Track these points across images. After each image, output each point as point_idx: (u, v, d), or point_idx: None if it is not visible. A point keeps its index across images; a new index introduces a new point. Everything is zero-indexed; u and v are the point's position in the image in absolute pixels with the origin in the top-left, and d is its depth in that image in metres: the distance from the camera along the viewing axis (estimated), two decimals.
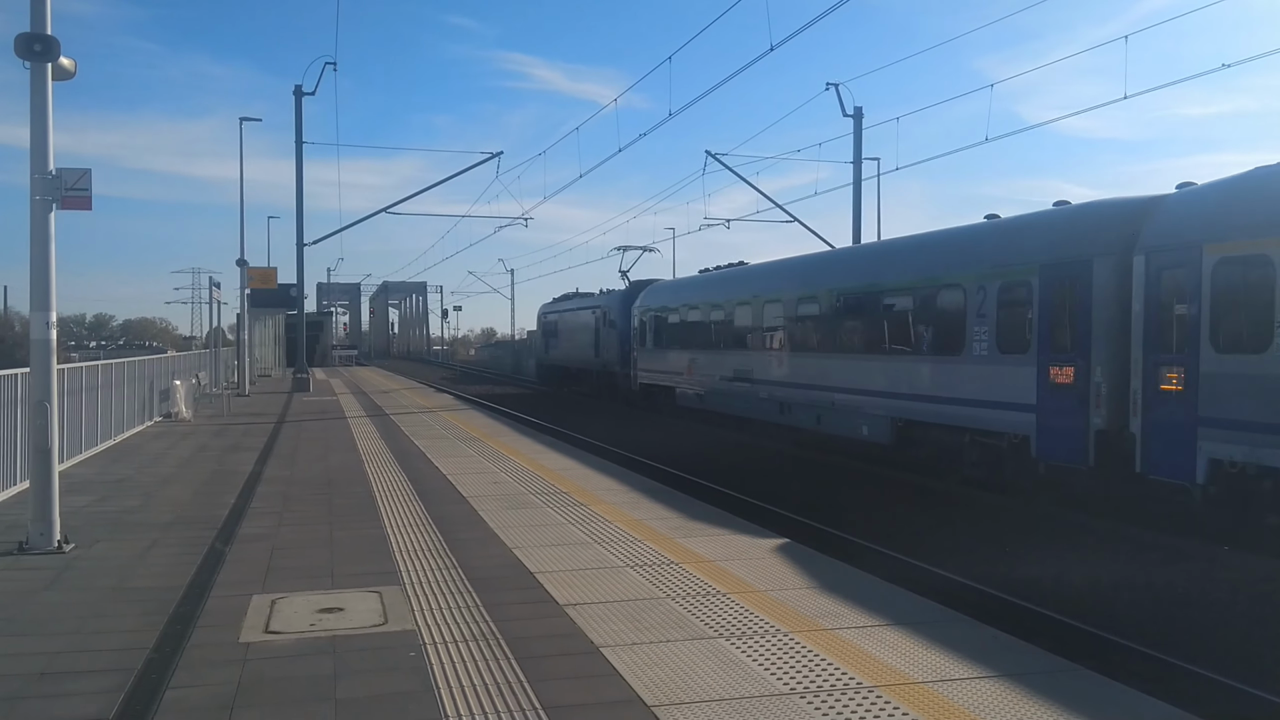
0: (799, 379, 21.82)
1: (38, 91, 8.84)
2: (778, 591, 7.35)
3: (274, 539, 9.43)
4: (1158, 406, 12.40)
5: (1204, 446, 11.59)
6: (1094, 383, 13.43)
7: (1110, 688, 5.42)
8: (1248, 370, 11.20)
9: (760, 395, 23.53)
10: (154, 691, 5.35)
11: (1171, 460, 12.12)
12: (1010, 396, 14.93)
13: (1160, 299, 12.52)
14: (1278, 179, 11.51)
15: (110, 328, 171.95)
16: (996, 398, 15.28)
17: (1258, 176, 11.85)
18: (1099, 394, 13.35)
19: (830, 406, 20.32)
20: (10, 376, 11.54)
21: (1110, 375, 13.23)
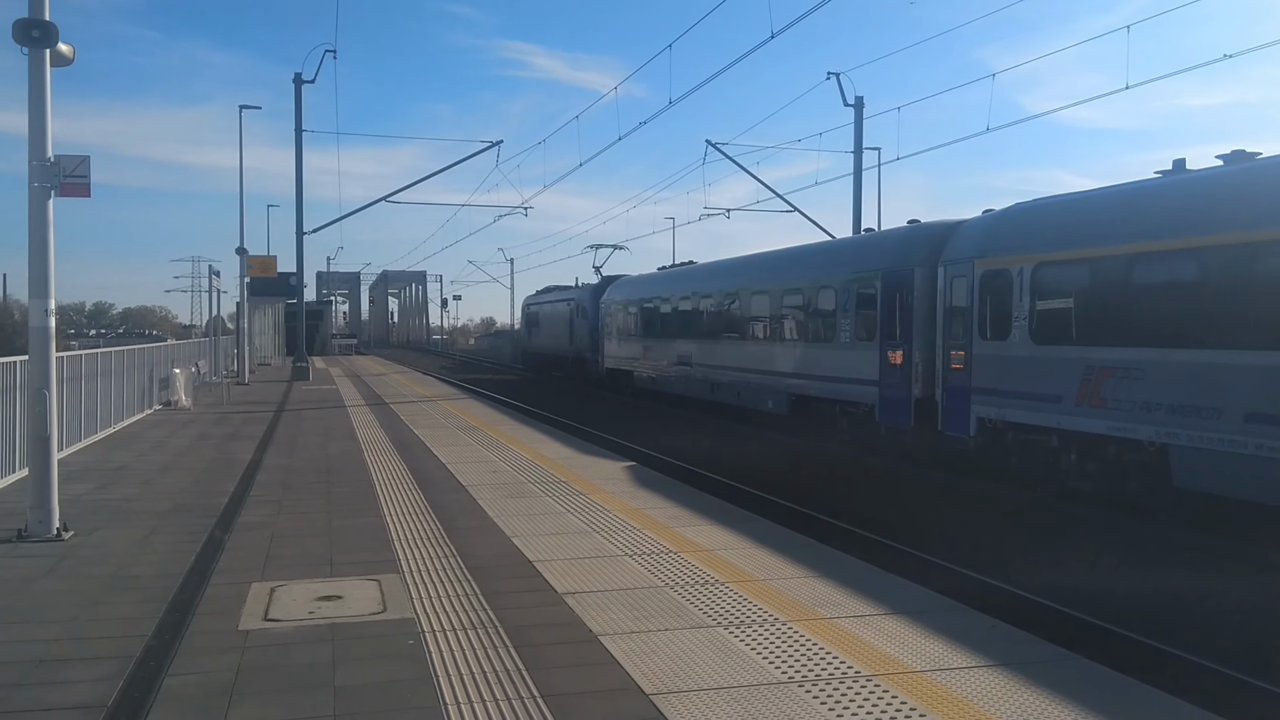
0: (724, 363, 25.90)
1: (36, 78, 8.82)
2: (776, 580, 7.36)
3: (273, 527, 9.43)
4: (950, 380, 16.41)
5: (975, 409, 15.68)
6: (914, 363, 17.47)
7: (1106, 675, 5.43)
8: (999, 353, 15.26)
9: (696, 377, 27.79)
10: (153, 679, 5.36)
11: (957, 420, 16.14)
12: (863, 375, 19.04)
13: (952, 300, 16.55)
14: (1020, 212, 15.81)
15: (110, 316, 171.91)
16: (855, 376, 19.40)
17: (1012, 210, 16.11)
18: (917, 372, 17.39)
19: (746, 385, 24.43)
20: (9, 364, 11.53)
21: (924, 357, 17.26)
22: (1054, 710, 4.87)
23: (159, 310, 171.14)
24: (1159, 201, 13.08)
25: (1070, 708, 4.89)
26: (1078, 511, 13.80)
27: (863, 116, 34.31)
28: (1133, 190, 13.80)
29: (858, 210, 34.68)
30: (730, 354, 25.45)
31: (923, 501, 15.13)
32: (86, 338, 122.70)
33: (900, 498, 15.44)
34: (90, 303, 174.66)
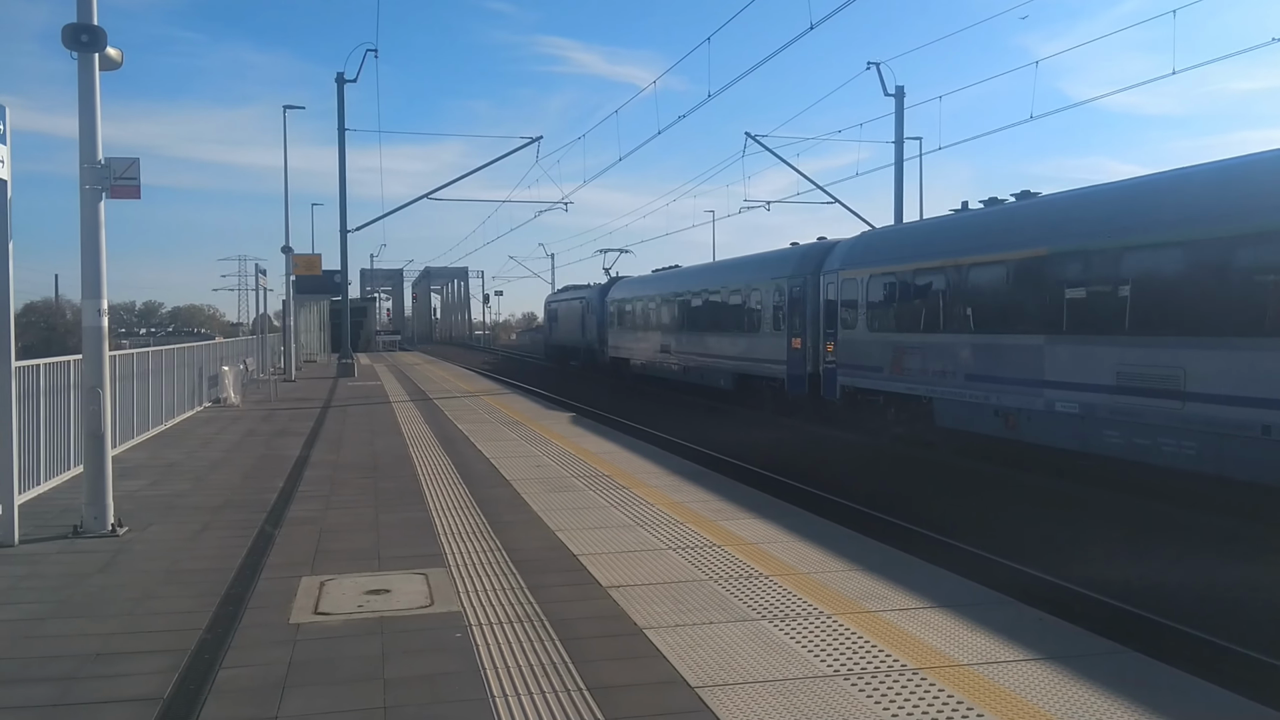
0: (690, 350, 32.88)
1: (85, 81, 8.97)
2: (819, 573, 7.35)
3: (322, 522, 9.56)
4: (825, 360, 23.08)
5: (839, 380, 22.13)
6: (807, 347, 24.16)
7: (1157, 669, 5.37)
8: (850, 339, 21.76)
9: (672, 363, 34.67)
10: (207, 671, 5.46)
11: (830, 388, 22.72)
12: (777, 357, 25.73)
13: (825, 300, 23.16)
14: (869, 236, 23.57)
15: (159, 315, 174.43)
16: (772, 358, 26.07)
17: (865, 234, 24.06)
18: (809, 354, 24.04)
19: (706, 368, 31.32)
20: (63, 363, 11.76)
21: (814, 342, 23.85)
22: (1105, 704, 4.83)
23: (207, 309, 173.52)
24: (930, 234, 20.44)
25: (1121, 702, 4.85)
26: (1107, 498, 13.64)
27: (903, 106, 34.01)
28: (918, 225, 24.18)
29: (899, 200, 34.42)
30: (694, 344, 32.59)
31: (963, 493, 15.03)
32: (137, 337, 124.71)
33: (934, 486, 15.37)
34: (140, 302, 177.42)
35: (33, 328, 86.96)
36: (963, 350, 17.47)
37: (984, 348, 17.00)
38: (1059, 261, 15.22)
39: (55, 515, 9.70)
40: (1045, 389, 15.33)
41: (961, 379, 17.34)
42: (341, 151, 35.07)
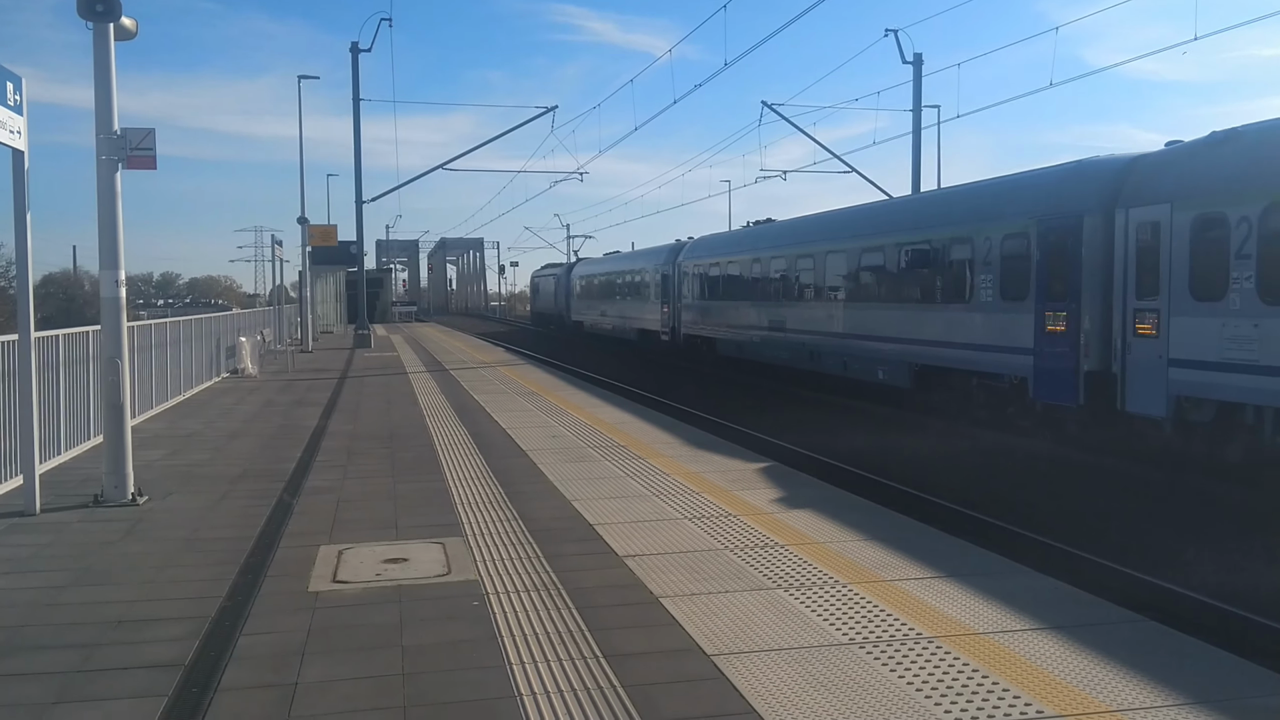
0: (612, 314, 46.39)
1: (100, 51, 8.96)
2: (836, 543, 7.36)
3: (339, 491, 9.62)
4: (679, 320, 34.63)
5: (683, 331, 32.62)
6: (672, 310, 35.47)
7: (1173, 638, 5.36)
8: (688, 305, 33.78)
9: (605, 325, 47.85)
10: (228, 638, 5.51)
11: (678, 337, 32.50)
12: (655, 316, 38.04)
13: (678, 280, 34.24)
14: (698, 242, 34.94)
15: (176, 286, 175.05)
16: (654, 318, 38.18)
17: (698, 240, 35.11)
18: (672, 315, 35.54)
19: (620, 326, 44.36)
20: (82, 334, 11.83)
21: (674, 308, 35.17)
22: (1120, 672, 4.83)
23: (224, 280, 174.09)
24: (725, 240, 32.68)
25: (1137, 669, 4.85)
26: (1127, 470, 13.60)
27: (921, 74, 33.70)
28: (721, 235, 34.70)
29: (917, 169, 34.17)
30: (611, 310, 46.24)
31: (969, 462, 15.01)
32: (154, 308, 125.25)
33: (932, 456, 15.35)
34: (158, 273, 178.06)
35: (51, 299, 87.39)
36: (733, 311, 29.58)
37: (745, 309, 28.46)
38: (790, 259, 25.75)
39: (76, 485, 9.79)
40: (782, 332, 25.74)
41: (728, 328, 30.14)
42: (356, 122, 35.02)
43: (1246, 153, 12.71)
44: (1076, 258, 14.94)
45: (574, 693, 4.71)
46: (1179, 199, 13.25)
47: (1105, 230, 14.58)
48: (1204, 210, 12.86)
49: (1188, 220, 13.04)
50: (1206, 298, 12.70)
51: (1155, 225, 13.57)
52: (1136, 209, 13.98)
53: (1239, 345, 12.16)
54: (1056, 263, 15.36)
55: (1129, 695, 4.58)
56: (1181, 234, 13.10)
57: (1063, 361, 15.07)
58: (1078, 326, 14.84)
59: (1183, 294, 13.08)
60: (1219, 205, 12.62)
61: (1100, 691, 4.63)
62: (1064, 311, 15.13)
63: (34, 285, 9.06)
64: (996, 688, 4.69)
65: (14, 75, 8.26)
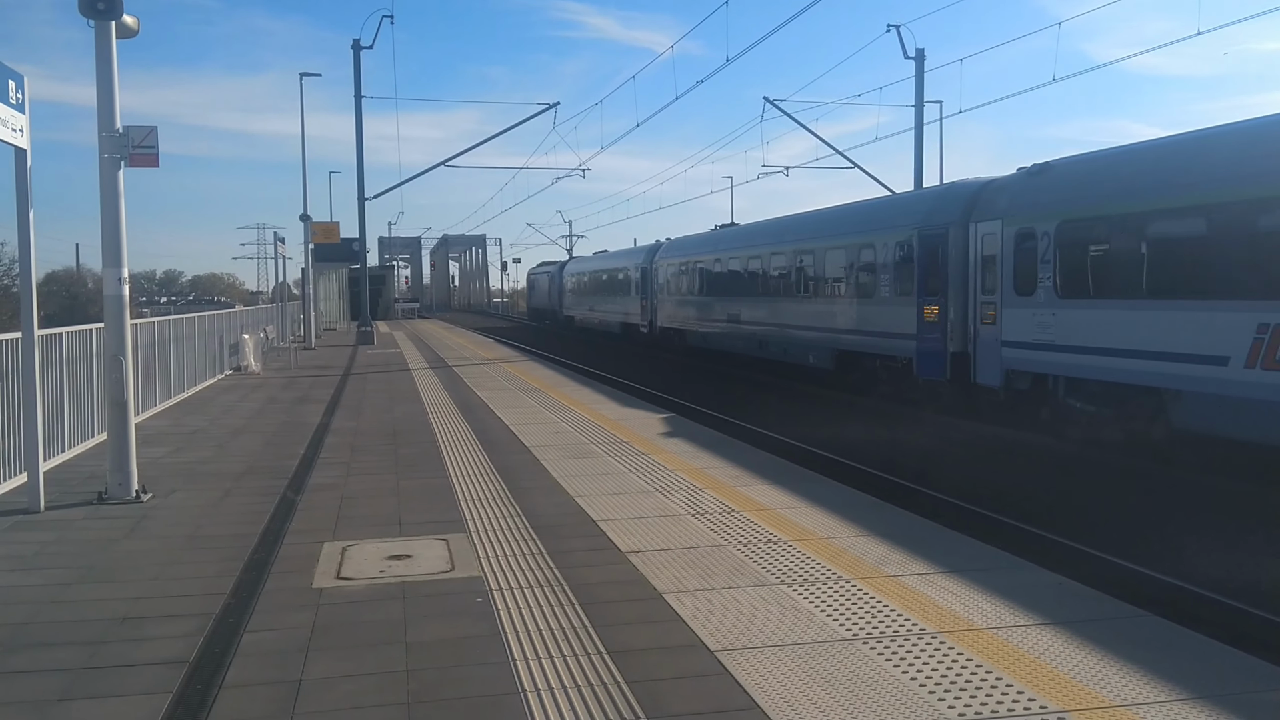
0: (602, 309, 49.94)
1: (102, 49, 8.96)
2: (839, 538, 7.36)
3: (343, 488, 9.63)
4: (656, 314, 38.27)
5: (659, 325, 37.01)
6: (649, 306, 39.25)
7: (1177, 632, 5.36)
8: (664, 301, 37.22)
9: (595, 319, 51.67)
10: (232, 635, 5.53)
11: (654, 329, 37.30)
12: (636, 310, 42.15)
13: (655, 278, 37.71)
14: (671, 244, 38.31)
15: (179, 283, 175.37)
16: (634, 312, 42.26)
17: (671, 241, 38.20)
18: (650, 310, 39.22)
19: (608, 319, 48.51)
20: (85, 332, 11.84)
21: (652, 304, 38.84)
22: (1124, 667, 4.83)
23: (227, 277, 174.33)
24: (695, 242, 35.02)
25: (1141, 664, 4.85)
26: (1118, 463, 13.59)
27: (924, 69, 33.68)
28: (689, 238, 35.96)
29: (919, 165, 34.15)
30: (601, 305, 50.09)
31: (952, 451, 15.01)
32: (157, 305, 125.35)
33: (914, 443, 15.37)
34: (161, 271, 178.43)
35: (54, 297, 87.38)
36: (699, 306, 32.79)
37: (709, 304, 31.83)
38: (742, 260, 29.13)
39: (80, 482, 9.80)
40: (737, 324, 28.92)
41: (695, 321, 33.28)
42: (358, 119, 35.02)
43: (1050, 182, 16.02)
44: (944, 261, 18.08)
45: (578, 689, 4.72)
46: (1007, 216, 16.56)
47: (963, 240, 17.72)
48: (1021, 226, 16.16)
49: (1012, 233, 16.34)
50: (1024, 294, 15.95)
51: (993, 237, 16.81)
52: (982, 223, 17.28)
53: (1044, 330, 15.48)
54: (930, 265, 18.56)
55: (1132, 690, 4.58)
56: (1009, 244, 16.40)
57: (935, 345, 18.29)
58: (945, 317, 17.98)
59: (1010, 291, 16.30)
60: (1031, 222, 15.93)
61: (1104, 686, 4.63)
62: (936, 305, 18.28)
63: (37, 283, 9.06)
64: (1000, 683, 4.70)
65: (16, 73, 8.26)
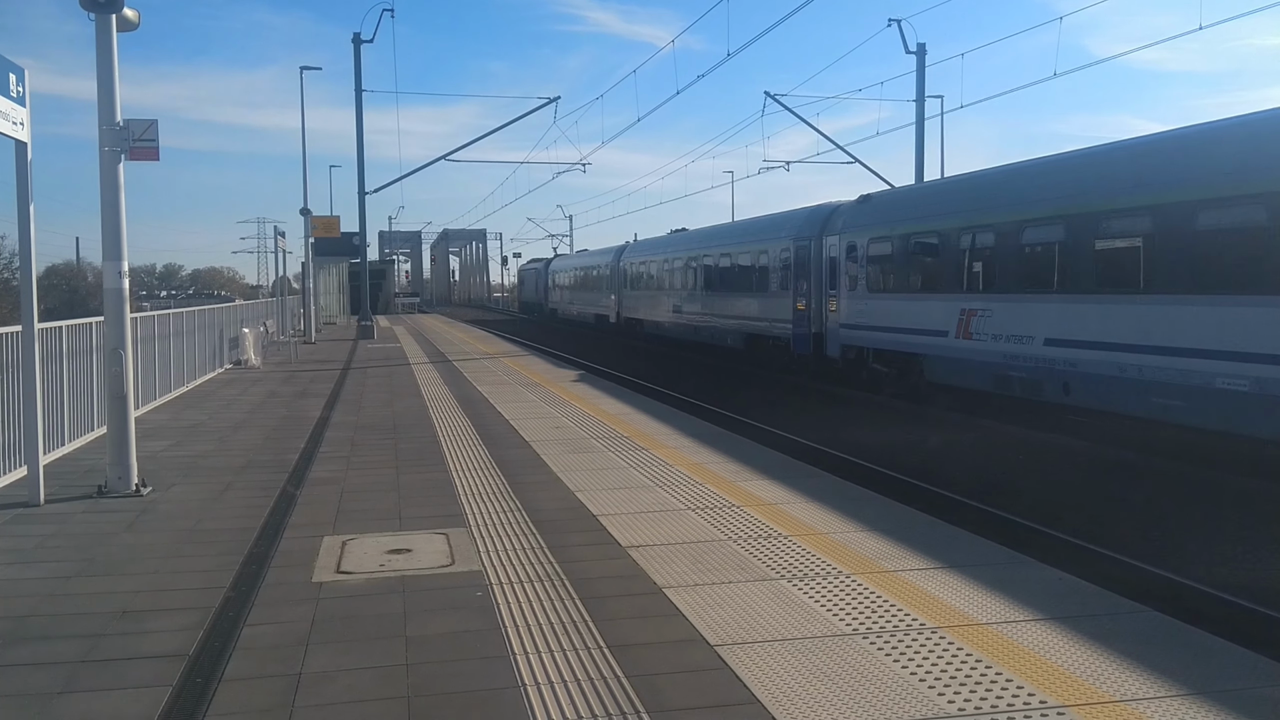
0: (579, 303, 55.94)
1: (103, 43, 8.95)
2: (838, 534, 7.36)
3: (343, 482, 9.63)
4: (623, 308, 44.80)
5: (624, 316, 43.43)
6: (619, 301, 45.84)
7: (1178, 628, 5.36)
8: (633, 294, 43.03)
9: (573, 311, 58.00)
10: (232, 629, 5.52)
11: (623, 320, 43.90)
12: (609, 304, 47.87)
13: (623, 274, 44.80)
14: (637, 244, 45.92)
15: (179, 277, 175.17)
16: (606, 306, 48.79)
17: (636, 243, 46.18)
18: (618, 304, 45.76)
19: (584, 311, 54.35)
20: (85, 325, 11.84)
21: (619, 298, 45.74)
22: (1124, 662, 4.83)
23: (227, 271, 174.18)
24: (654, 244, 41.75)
25: (1141, 659, 4.85)
26: (1120, 458, 13.60)
27: (925, 64, 33.66)
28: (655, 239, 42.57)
29: (920, 160, 34.13)
30: (580, 299, 55.67)
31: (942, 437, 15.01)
32: (157, 299, 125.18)
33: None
34: (161, 265, 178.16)
35: (54, 290, 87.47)
36: (652, 300, 39.21)
37: (659, 298, 37.98)
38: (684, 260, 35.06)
39: (80, 476, 9.80)
40: (683, 315, 34.79)
41: (649, 312, 39.65)
42: (359, 113, 34.99)
43: (867, 209, 22.62)
44: (809, 265, 24.69)
45: (578, 683, 4.72)
46: (842, 233, 23.03)
47: (820, 249, 24.27)
48: (849, 240, 22.59)
49: (844, 245, 22.78)
50: (851, 289, 22.39)
51: (836, 248, 23.25)
52: (828, 238, 23.79)
53: (862, 315, 21.92)
54: (801, 268, 25.08)
55: (1133, 685, 4.58)
56: (843, 254, 22.85)
57: (804, 329, 24.83)
58: (809, 306, 24.60)
59: (844, 288, 22.70)
60: (854, 238, 22.40)
61: (1104, 682, 4.63)
62: (804, 298, 24.82)
63: (37, 277, 9.06)
64: (1000, 678, 4.70)
65: (17, 67, 8.25)
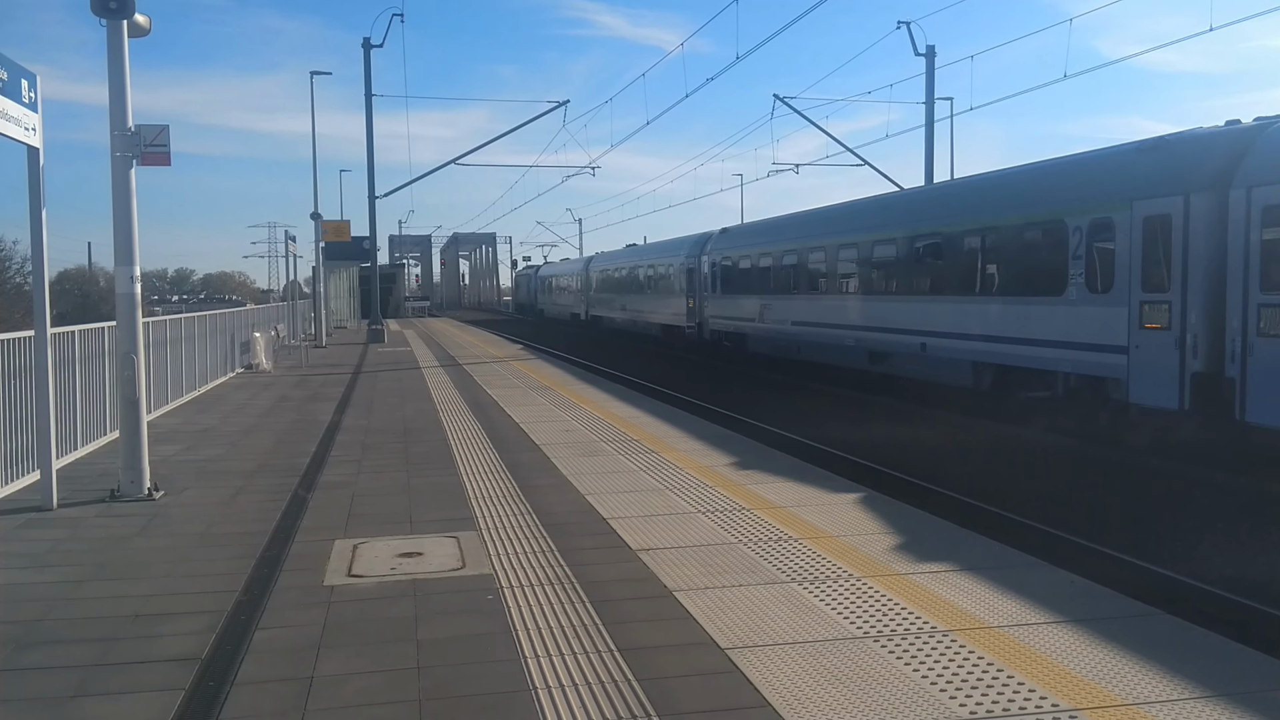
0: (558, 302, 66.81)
1: (114, 48, 9.00)
2: (849, 537, 7.35)
3: (354, 486, 9.65)
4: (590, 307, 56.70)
5: (594, 313, 55.26)
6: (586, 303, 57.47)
7: (1190, 632, 5.34)
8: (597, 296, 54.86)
9: (557, 310, 66.43)
10: (244, 632, 5.54)
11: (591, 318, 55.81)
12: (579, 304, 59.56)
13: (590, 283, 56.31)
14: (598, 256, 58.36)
15: (191, 282, 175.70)
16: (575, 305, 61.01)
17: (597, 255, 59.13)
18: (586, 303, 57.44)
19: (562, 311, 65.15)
20: (98, 330, 11.89)
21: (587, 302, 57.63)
22: (1136, 665, 4.82)
23: (238, 275, 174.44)
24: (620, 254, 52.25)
25: (1153, 663, 4.84)
26: (1129, 460, 13.54)
27: (934, 66, 33.66)
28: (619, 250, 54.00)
29: (930, 162, 34.10)
30: (558, 299, 66.55)
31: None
32: (169, 303, 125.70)
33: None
34: (172, 269, 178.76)
35: (67, 295, 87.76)
36: (603, 299, 51.22)
37: (612, 298, 48.97)
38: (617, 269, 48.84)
39: (92, 480, 9.84)
40: (625, 312, 46.25)
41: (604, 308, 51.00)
42: (369, 117, 35.18)
43: (725, 237, 32.02)
44: (696, 276, 34.02)
45: (588, 686, 4.72)
46: (709, 253, 32.63)
47: (699, 265, 33.57)
48: (713, 259, 32.12)
49: (709, 262, 32.31)
50: (710, 293, 32.11)
51: (710, 265, 32.30)
52: (704, 256, 33.13)
53: (723, 309, 30.96)
54: (691, 279, 34.64)
55: (1145, 688, 4.57)
56: (709, 268, 32.32)
57: (694, 320, 34.19)
58: (699, 306, 33.60)
59: (715, 291, 31.72)
60: (715, 257, 31.92)
61: (1116, 684, 4.62)
62: (693, 298, 34.34)
63: (50, 282, 9.10)
64: (1012, 681, 4.68)
65: (29, 73, 8.30)
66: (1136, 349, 13.60)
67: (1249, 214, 11.99)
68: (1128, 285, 13.75)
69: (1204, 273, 12.63)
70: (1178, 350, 12.89)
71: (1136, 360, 13.58)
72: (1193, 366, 12.68)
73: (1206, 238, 12.61)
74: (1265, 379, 11.69)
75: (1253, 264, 11.88)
